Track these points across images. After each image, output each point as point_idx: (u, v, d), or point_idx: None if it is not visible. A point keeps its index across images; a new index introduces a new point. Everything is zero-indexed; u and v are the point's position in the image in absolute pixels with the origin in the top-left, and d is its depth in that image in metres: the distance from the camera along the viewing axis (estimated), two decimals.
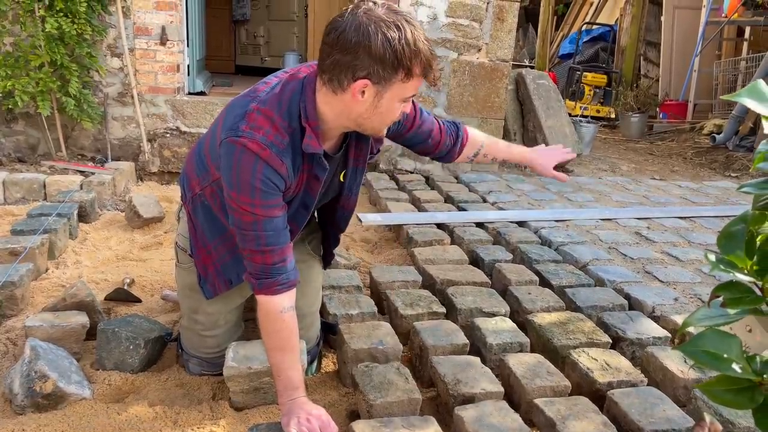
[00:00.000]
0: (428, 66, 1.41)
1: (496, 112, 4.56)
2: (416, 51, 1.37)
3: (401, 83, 1.41)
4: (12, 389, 1.67)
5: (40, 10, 3.60)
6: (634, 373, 1.87)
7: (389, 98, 1.43)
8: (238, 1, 7.30)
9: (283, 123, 1.46)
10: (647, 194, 4.30)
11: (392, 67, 1.37)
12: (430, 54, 1.41)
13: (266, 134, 1.44)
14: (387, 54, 1.35)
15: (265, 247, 1.49)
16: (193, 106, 4.24)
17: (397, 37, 1.35)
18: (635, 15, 8.71)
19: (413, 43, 1.37)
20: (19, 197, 3.51)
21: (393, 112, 1.48)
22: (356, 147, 1.68)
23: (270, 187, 1.45)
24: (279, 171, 1.45)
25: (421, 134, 1.83)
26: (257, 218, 1.47)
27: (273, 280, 1.50)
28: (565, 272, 2.67)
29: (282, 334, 1.52)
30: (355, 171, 1.74)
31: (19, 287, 2.20)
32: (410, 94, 1.45)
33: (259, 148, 1.43)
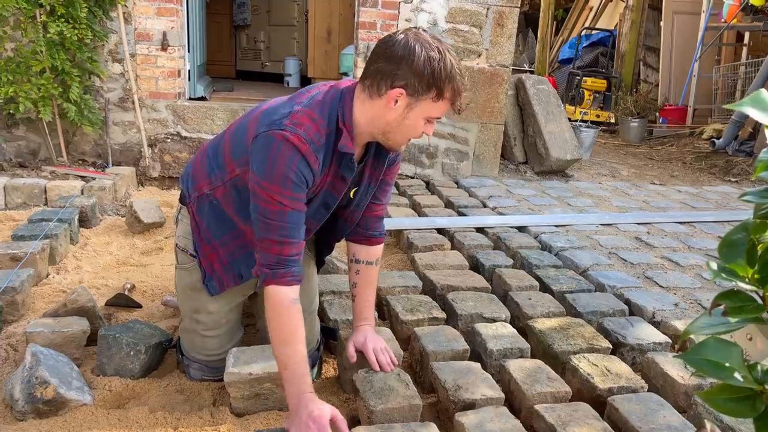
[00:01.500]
0: (458, 93, 1.55)
1: (496, 117, 4.57)
2: (451, 77, 1.52)
3: (431, 101, 1.54)
4: (13, 395, 1.67)
5: (41, 16, 3.61)
6: (634, 378, 1.87)
7: (417, 113, 1.55)
8: (239, 6, 7.32)
9: (322, 123, 1.58)
10: (647, 199, 4.31)
11: (427, 85, 1.51)
12: (461, 84, 1.54)
13: (307, 131, 1.55)
14: (426, 71, 1.49)
15: (286, 239, 1.56)
16: (194, 112, 4.25)
17: (438, 59, 1.50)
18: (635, 20, 8.74)
19: (450, 68, 1.51)
20: (20, 202, 3.52)
21: (417, 128, 1.59)
22: (373, 166, 1.77)
23: (301, 181, 1.55)
24: (312, 166, 1.56)
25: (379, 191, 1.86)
26: (284, 208, 1.54)
27: (286, 270, 1.56)
28: (565, 277, 2.68)
29: (290, 325, 1.56)
30: (367, 189, 1.81)
31: (20, 293, 2.20)
32: (436, 114, 1.57)
33: (299, 142, 1.53)
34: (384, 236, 1.96)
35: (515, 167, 5.05)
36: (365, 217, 1.88)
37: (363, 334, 1.85)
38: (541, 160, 4.93)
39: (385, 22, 4.30)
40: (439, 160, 4.59)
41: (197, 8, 4.69)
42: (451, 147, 4.58)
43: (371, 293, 1.93)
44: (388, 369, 1.79)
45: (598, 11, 9.98)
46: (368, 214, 1.88)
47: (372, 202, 1.87)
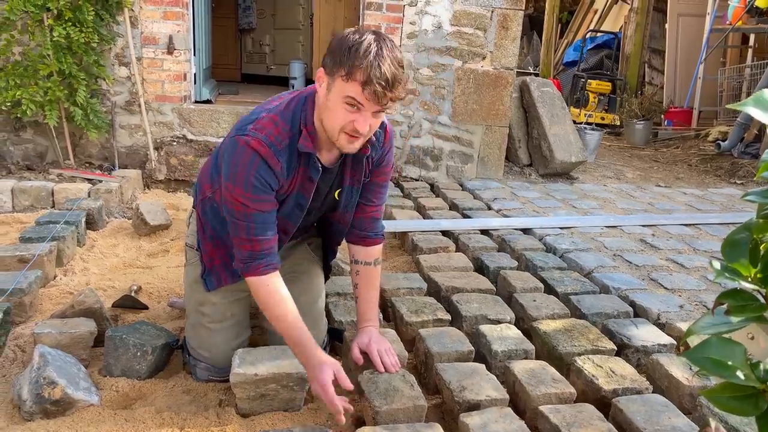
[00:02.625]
0: (369, 80, 1.47)
1: (500, 119, 4.57)
2: (364, 57, 1.47)
3: (342, 81, 1.51)
4: (21, 395, 1.69)
5: (48, 20, 3.64)
6: (639, 380, 1.88)
7: (335, 94, 1.54)
8: (244, 10, 7.35)
9: (285, 126, 1.64)
10: (652, 201, 4.30)
11: (338, 62, 1.51)
12: (379, 72, 1.47)
13: (268, 135, 1.62)
14: (338, 49, 1.52)
15: (254, 236, 1.65)
16: (199, 115, 4.28)
17: (354, 41, 1.51)
18: (639, 23, 8.73)
19: (365, 51, 1.48)
20: (28, 205, 3.54)
21: (339, 112, 1.55)
22: (352, 167, 1.80)
23: (263, 185, 1.61)
24: (274, 169, 1.61)
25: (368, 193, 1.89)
26: (247, 210, 1.63)
27: (259, 263, 1.67)
28: (570, 279, 2.68)
29: (277, 305, 1.68)
30: (351, 190, 1.85)
31: (27, 294, 2.22)
32: (351, 94, 1.51)
33: (259, 146, 1.60)
34: (381, 237, 1.96)
35: (520, 169, 5.05)
36: (360, 218, 1.92)
37: (367, 335, 1.86)
38: (546, 162, 4.93)
39: (389, 25, 4.32)
40: (444, 162, 4.60)
41: (203, 12, 4.71)
42: (455, 149, 4.59)
43: (373, 294, 1.94)
44: (393, 370, 1.80)
45: (603, 14, 9.98)
46: (362, 215, 1.91)
47: (364, 204, 1.90)
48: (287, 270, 2.04)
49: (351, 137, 1.59)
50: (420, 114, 4.51)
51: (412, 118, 4.50)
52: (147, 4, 4.03)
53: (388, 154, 1.88)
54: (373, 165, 1.84)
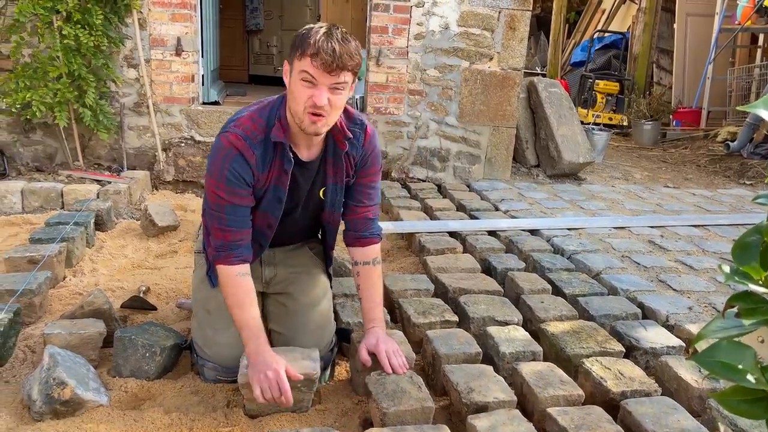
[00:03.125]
0: (318, 51, 1.61)
1: (507, 120, 4.56)
2: (314, 36, 1.63)
3: (297, 60, 1.66)
4: (31, 396, 1.70)
5: (58, 22, 3.66)
6: (648, 382, 1.87)
7: (295, 76, 1.67)
8: (251, 11, 7.37)
9: (261, 123, 1.77)
10: (660, 202, 4.29)
11: (294, 47, 1.67)
12: (327, 44, 1.61)
13: (245, 129, 1.75)
14: (296, 39, 1.68)
15: (226, 227, 1.77)
16: (207, 116, 4.29)
17: (307, 28, 1.68)
18: (648, 23, 8.69)
19: (315, 32, 1.64)
20: (37, 206, 3.57)
21: (298, 91, 1.67)
22: (334, 165, 1.87)
23: (237, 178, 1.72)
24: (249, 161, 1.73)
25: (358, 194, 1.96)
26: (221, 201, 1.75)
27: (230, 253, 1.77)
28: (577, 281, 2.67)
29: (238, 293, 1.77)
30: (335, 188, 1.91)
31: (37, 295, 2.23)
32: (306, 69, 1.64)
33: (235, 139, 1.73)
34: (377, 237, 2.00)
35: (527, 170, 5.04)
36: (353, 220, 1.97)
37: (374, 336, 1.87)
38: (554, 163, 4.92)
39: (396, 26, 4.32)
40: (451, 163, 4.60)
41: (211, 14, 4.73)
42: (462, 150, 4.59)
43: (375, 294, 1.96)
44: (401, 371, 1.81)
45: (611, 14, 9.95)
46: (355, 217, 1.97)
47: (355, 205, 1.96)
48: (289, 271, 2.06)
49: (313, 116, 1.68)
50: (427, 115, 4.51)
51: (419, 119, 4.50)
52: (155, 6, 4.05)
53: (372, 155, 1.93)
54: (357, 165, 1.91)
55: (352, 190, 1.96)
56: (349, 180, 1.93)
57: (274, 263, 2.07)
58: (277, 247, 2.07)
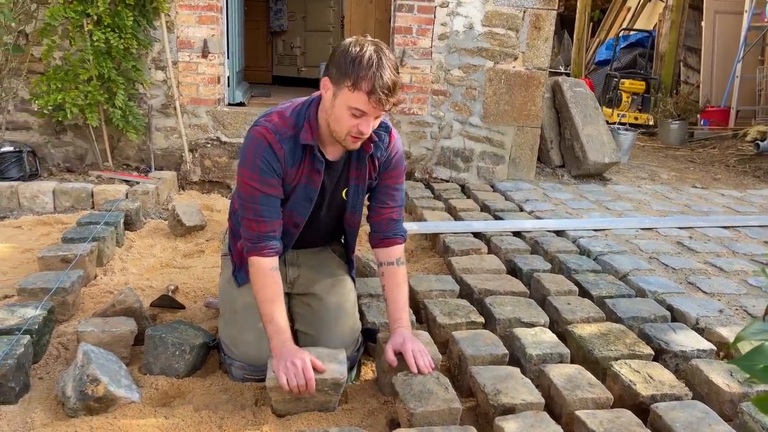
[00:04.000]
0: (374, 89, 1.62)
1: (532, 120, 4.54)
2: (367, 68, 1.62)
3: (348, 91, 1.65)
4: (65, 392, 1.73)
5: (88, 25, 3.73)
6: (678, 386, 1.84)
7: (340, 102, 1.68)
8: (275, 12, 7.43)
9: (290, 120, 1.81)
10: (689, 203, 4.22)
11: (343, 74, 1.65)
12: (381, 81, 1.61)
13: (275, 125, 1.80)
14: (343, 60, 1.65)
15: (260, 218, 1.80)
16: (233, 117, 4.34)
17: (356, 53, 1.64)
18: (674, 20, 8.56)
19: (367, 62, 1.62)
20: (68, 206, 3.64)
21: (344, 119, 1.70)
22: (357, 167, 1.90)
23: (267, 167, 1.77)
24: (277, 153, 1.77)
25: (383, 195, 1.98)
26: (254, 192, 1.79)
27: (264, 245, 1.81)
28: (604, 282, 2.64)
29: (268, 288, 1.80)
30: (357, 189, 1.94)
31: (70, 293, 2.28)
32: (357, 105, 1.66)
33: (265, 131, 1.78)
34: (401, 237, 2.02)
35: (552, 170, 5.01)
36: (378, 221, 1.99)
37: (401, 336, 1.87)
38: (579, 163, 4.87)
39: (420, 27, 4.32)
40: (475, 163, 4.58)
41: (236, 16, 4.78)
42: (486, 150, 4.57)
43: (400, 294, 1.97)
44: (426, 372, 1.81)
45: (636, 12, 9.82)
46: (379, 218, 1.99)
47: (379, 207, 1.98)
48: (313, 272, 2.08)
49: (355, 138, 1.75)
50: (451, 115, 4.50)
51: (442, 120, 4.50)
52: (183, 9, 4.10)
53: (396, 157, 1.96)
54: (380, 167, 1.93)
55: (376, 192, 1.98)
56: (372, 182, 1.95)
57: (298, 264, 2.09)
58: (301, 249, 2.09)
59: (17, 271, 2.71)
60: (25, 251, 2.94)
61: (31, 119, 4.16)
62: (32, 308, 2.05)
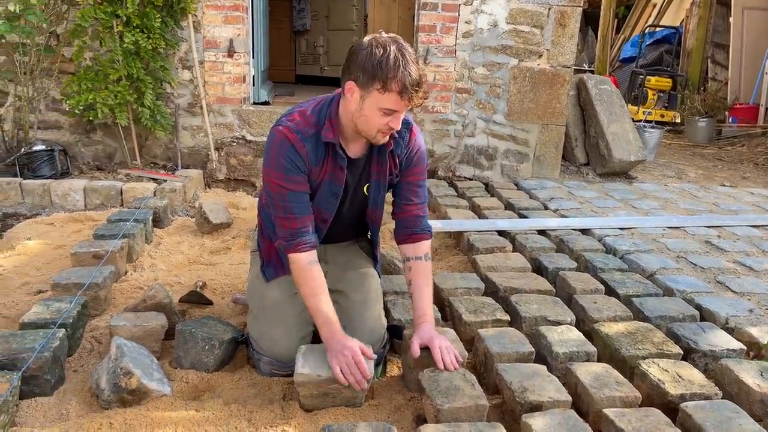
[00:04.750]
0: (404, 88, 1.65)
1: (557, 118, 4.51)
2: (395, 70, 1.64)
3: (378, 93, 1.68)
4: (99, 384, 1.78)
5: (118, 26, 3.80)
6: (707, 385, 1.83)
7: (370, 104, 1.71)
8: (299, 12, 7.47)
9: (312, 118, 1.84)
10: (717, 201, 4.16)
11: (371, 77, 1.66)
12: (410, 79, 1.65)
13: (296, 123, 1.82)
14: (368, 64, 1.66)
15: (291, 214, 1.84)
16: (258, 116, 4.38)
17: (380, 54, 1.65)
18: (702, 16, 8.42)
19: (394, 62, 1.64)
20: (98, 203, 3.71)
21: (375, 119, 1.73)
22: (378, 162, 1.93)
23: (292, 165, 1.80)
24: (300, 152, 1.80)
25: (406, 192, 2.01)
26: (282, 190, 1.82)
27: (299, 240, 1.84)
28: (631, 281, 2.62)
29: (310, 282, 1.84)
30: (378, 185, 1.97)
31: (102, 288, 2.33)
32: (389, 106, 1.69)
33: (288, 131, 1.81)
34: (427, 233, 2.04)
35: (576, 169, 4.97)
36: (404, 218, 2.02)
37: (427, 331, 1.89)
38: (604, 161, 4.83)
39: (444, 25, 4.32)
40: (499, 161, 4.57)
41: (261, 15, 4.82)
42: (510, 148, 4.55)
43: (426, 289, 1.99)
44: (453, 369, 1.82)
45: (662, 8, 9.68)
46: (406, 215, 2.02)
47: (405, 204, 2.01)
48: (341, 269, 2.10)
49: (386, 134, 1.79)
50: (474, 113, 4.49)
51: (466, 118, 4.49)
52: (209, 9, 4.16)
53: (418, 154, 1.98)
54: (402, 164, 1.96)
55: (400, 189, 2.00)
56: (393, 178, 1.97)
57: (326, 260, 2.11)
58: (328, 245, 2.11)
59: (50, 267, 2.77)
60: (58, 247, 3.01)
61: (62, 118, 4.25)
62: (66, 303, 2.10)
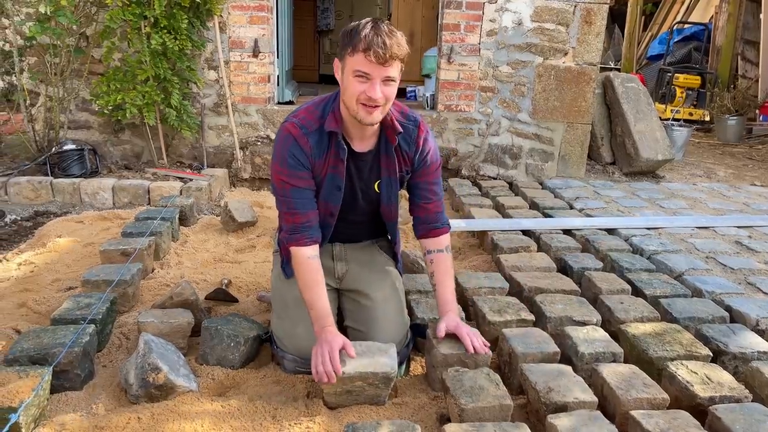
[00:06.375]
0: (369, 45, 1.69)
1: (582, 116, 4.46)
2: (361, 32, 1.70)
3: (349, 57, 1.73)
4: (127, 380, 1.81)
5: (146, 28, 3.85)
6: (737, 388, 1.79)
7: (347, 72, 1.76)
8: (323, 11, 7.51)
9: (316, 113, 1.90)
10: (747, 201, 4.07)
11: (343, 45, 1.75)
12: (377, 38, 1.68)
13: (301, 119, 1.89)
14: (343, 36, 1.76)
15: (294, 209, 1.89)
16: (282, 115, 4.41)
17: (353, 25, 1.75)
18: (732, 13, 8.26)
19: (362, 28, 1.71)
20: (126, 202, 3.78)
21: (351, 87, 1.76)
22: (386, 158, 1.96)
23: (295, 161, 1.85)
24: (303, 147, 1.85)
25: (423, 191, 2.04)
26: (285, 186, 1.87)
27: (301, 235, 1.89)
28: (659, 282, 2.58)
29: (310, 275, 1.87)
30: (389, 181, 1.99)
31: (131, 285, 2.37)
32: (359, 66, 1.72)
33: (292, 127, 1.87)
34: (447, 226, 2.07)
35: (602, 168, 4.91)
36: (424, 216, 2.05)
37: (453, 320, 1.93)
38: (630, 160, 4.76)
39: (468, 23, 4.30)
40: (523, 160, 4.53)
41: (286, 15, 4.86)
42: (535, 147, 4.52)
43: (449, 280, 2.02)
44: (482, 351, 1.86)
45: (691, 4, 9.51)
46: (425, 213, 2.04)
47: (424, 203, 2.04)
48: (361, 268, 2.11)
49: (367, 107, 1.77)
50: (499, 112, 4.46)
51: (490, 116, 4.46)
52: (234, 9, 4.20)
53: (430, 154, 2.00)
54: (414, 163, 1.98)
55: (416, 189, 2.04)
56: (404, 175, 2.00)
57: (346, 259, 2.12)
58: (348, 244, 2.12)
59: (80, 264, 2.83)
60: (87, 245, 3.07)
61: (92, 118, 4.34)
62: (96, 299, 2.14)
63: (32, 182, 3.78)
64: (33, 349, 1.81)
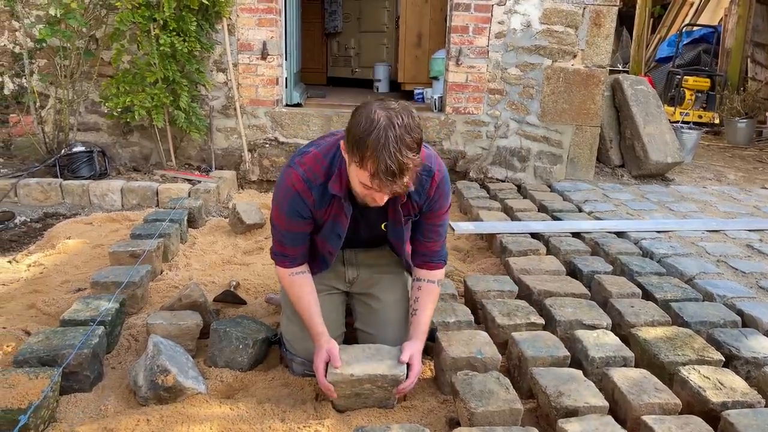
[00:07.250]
0: (377, 172, 1.52)
1: (591, 119, 4.44)
2: (377, 150, 1.51)
3: (356, 166, 1.58)
4: (136, 381, 1.81)
5: (155, 30, 3.87)
6: (750, 393, 1.77)
7: (352, 173, 1.64)
8: (330, 14, 7.51)
9: (324, 164, 1.78)
10: (758, 204, 4.04)
11: (353, 146, 1.56)
12: (385, 165, 1.50)
13: (307, 171, 1.78)
14: (353, 132, 1.56)
15: (283, 245, 1.91)
16: (290, 118, 4.41)
17: (367, 129, 1.52)
18: (741, 15, 8.21)
19: (381, 143, 1.50)
20: (135, 203, 3.78)
21: (358, 188, 1.66)
22: (393, 207, 1.84)
23: (294, 212, 1.81)
24: (306, 201, 1.79)
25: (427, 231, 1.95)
26: (279, 227, 1.88)
27: (284, 260, 1.93)
28: (669, 285, 2.56)
29: (294, 289, 1.92)
30: (394, 226, 1.92)
31: (139, 287, 2.37)
32: (363, 180, 1.59)
33: (296, 180, 1.78)
34: (443, 262, 2.01)
35: (611, 171, 4.88)
36: (423, 251, 1.98)
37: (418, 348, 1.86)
38: (640, 163, 4.73)
39: (477, 26, 4.29)
40: (532, 163, 4.52)
41: (294, 18, 4.86)
42: (543, 150, 4.50)
43: (431, 309, 1.95)
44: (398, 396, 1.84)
45: (700, 7, 9.47)
46: (425, 249, 1.98)
47: (425, 241, 1.96)
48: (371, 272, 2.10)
49: (375, 202, 1.69)
50: (507, 114, 4.45)
51: (498, 119, 4.45)
52: (243, 12, 4.21)
53: (441, 200, 1.89)
54: (421, 209, 1.88)
55: (420, 227, 1.95)
56: (411, 218, 1.92)
57: (356, 264, 2.11)
58: (358, 249, 2.11)
59: (89, 266, 2.83)
60: (96, 246, 3.08)
61: (101, 120, 4.35)
62: (105, 301, 2.14)
63: (42, 184, 3.80)
64: (42, 350, 1.82)
